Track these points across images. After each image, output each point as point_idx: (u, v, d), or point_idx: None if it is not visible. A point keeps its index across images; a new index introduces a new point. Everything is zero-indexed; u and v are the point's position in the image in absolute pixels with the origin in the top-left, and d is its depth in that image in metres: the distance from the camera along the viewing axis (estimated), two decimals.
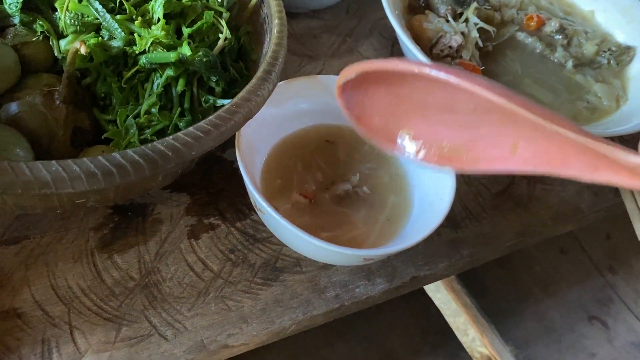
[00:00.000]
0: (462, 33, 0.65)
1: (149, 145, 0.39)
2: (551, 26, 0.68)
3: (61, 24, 0.49)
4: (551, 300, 0.86)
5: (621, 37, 0.72)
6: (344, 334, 0.77)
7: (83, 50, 0.43)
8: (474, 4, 0.67)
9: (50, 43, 0.49)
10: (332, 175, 0.53)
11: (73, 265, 0.47)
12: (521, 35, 0.67)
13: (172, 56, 0.47)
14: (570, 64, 0.65)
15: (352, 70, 0.35)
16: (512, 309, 0.84)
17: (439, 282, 0.90)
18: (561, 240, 0.93)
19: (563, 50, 0.66)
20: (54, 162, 0.37)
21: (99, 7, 0.48)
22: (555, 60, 0.65)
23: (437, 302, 0.86)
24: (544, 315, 0.84)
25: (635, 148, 0.39)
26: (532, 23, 0.68)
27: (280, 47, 0.50)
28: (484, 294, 0.85)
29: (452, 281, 0.87)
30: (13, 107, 0.46)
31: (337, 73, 0.67)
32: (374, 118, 0.37)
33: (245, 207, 0.53)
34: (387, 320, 0.79)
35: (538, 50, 0.66)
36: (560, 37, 0.67)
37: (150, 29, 0.49)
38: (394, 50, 0.72)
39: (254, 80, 0.46)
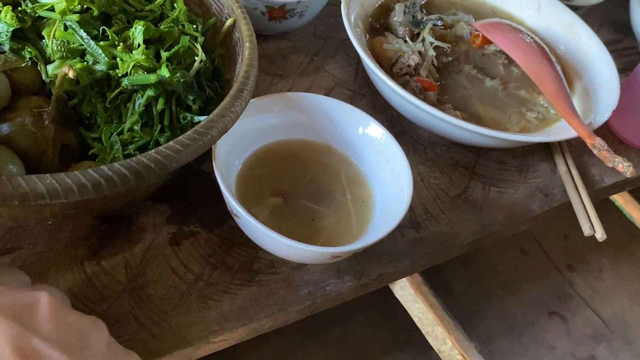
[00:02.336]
0: (420, 52, 0.71)
1: (134, 158, 0.44)
2: (495, 46, 0.74)
3: (48, 50, 0.53)
4: (513, 298, 0.92)
5: (562, 50, 0.79)
6: (319, 336, 0.81)
7: (71, 75, 0.48)
8: (429, 25, 0.73)
9: (39, 68, 0.54)
10: (301, 180, 0.58)
11: (64, 272, 0.51)
12: (459, 65, 0.73)
13: (152, 78, 0.51)
14: (499, 89, 0.71)
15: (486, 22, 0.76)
16: (476, 308, 0.89)
17: (415, 294, 0.95)
18: (522, 241, 0.99)
19: (503, 68, 0.73)
20: (48, 175, 0.41)
21: (84, 34, 0.53)
22: (488, 86, 0.71)
23: (415, 312, 0.91)
24: (507, 312, 0.90)
25: (580, 151, 0.62)
26: (477, 40, 0.75)
27: (251, 67, 0.55)
28: (450, 294, 0.90)
29: (420, 284, 0.92)
30: (4, 127, 0.50)
31: (306, 90, 0.73)
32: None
33: (222, 214, 0.58)
34: (359, 322, 0.84)
35: (473, 74, 0.72)
36: (503, 56, 0.74)
37: (132, 53, 0.53)
38: (359, 67, 0.78)
39: (228, 98, 0.50)
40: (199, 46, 0.57)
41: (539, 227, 1.01)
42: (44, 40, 0.54)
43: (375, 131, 0.58)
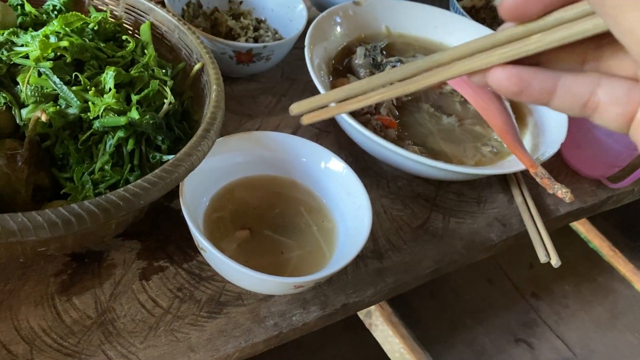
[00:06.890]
0: None
1: (103, 196, 0.46)
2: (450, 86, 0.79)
3: (22, 95, 0.56)
4: (480, 326, 0.94)
5: None
6: None
7: (44, 118, 0.50)
8: (389, 66, 0.78)
9: (13, 112, 0.56)
10: (268, 214, 0.60)
11: (35, 308, 0.52)
12: (418, 103, 0.78)
13: (122, 120, 0.54)
14: (456, 125, 0.76)
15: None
16: (444, 337, 0.91)
17: (388, 331, 0.97)
18: (488, 271, 1.02)
19: (460, 106, 0.77)
20: (19, 213, 0.43)
21: (57, 80, 0.56)
22: (445, 122, 0.76)
23: (385, 344, 0.93)
24: (474, 340, 0.92)
25: (535, 182, 0.68)
26: None
27: (218, 109, 0.58)
28: (419, 324, 0.92)
29: (390, 315, 0.94)
30: None
31: (274, 129, 0.76)
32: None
33: (191, 250, 0.60)
34: (330, 354, 0.85)
35: (431, 111, 0.77)
36: (459, 95, 0.78)
37: (103, 97, 0.56)
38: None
39: (194, 138, 0.53)
40: (168, 89, 0.60)
41: (504, 256, 1.04)
42: (18, 86, 0.56)
43: (336, 165, 0.61)
